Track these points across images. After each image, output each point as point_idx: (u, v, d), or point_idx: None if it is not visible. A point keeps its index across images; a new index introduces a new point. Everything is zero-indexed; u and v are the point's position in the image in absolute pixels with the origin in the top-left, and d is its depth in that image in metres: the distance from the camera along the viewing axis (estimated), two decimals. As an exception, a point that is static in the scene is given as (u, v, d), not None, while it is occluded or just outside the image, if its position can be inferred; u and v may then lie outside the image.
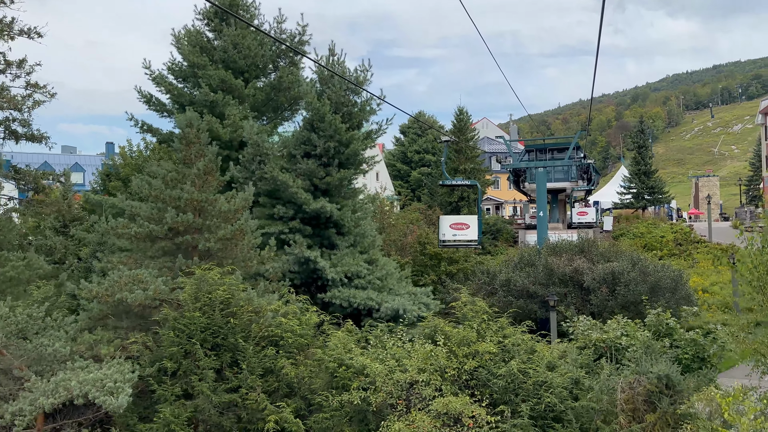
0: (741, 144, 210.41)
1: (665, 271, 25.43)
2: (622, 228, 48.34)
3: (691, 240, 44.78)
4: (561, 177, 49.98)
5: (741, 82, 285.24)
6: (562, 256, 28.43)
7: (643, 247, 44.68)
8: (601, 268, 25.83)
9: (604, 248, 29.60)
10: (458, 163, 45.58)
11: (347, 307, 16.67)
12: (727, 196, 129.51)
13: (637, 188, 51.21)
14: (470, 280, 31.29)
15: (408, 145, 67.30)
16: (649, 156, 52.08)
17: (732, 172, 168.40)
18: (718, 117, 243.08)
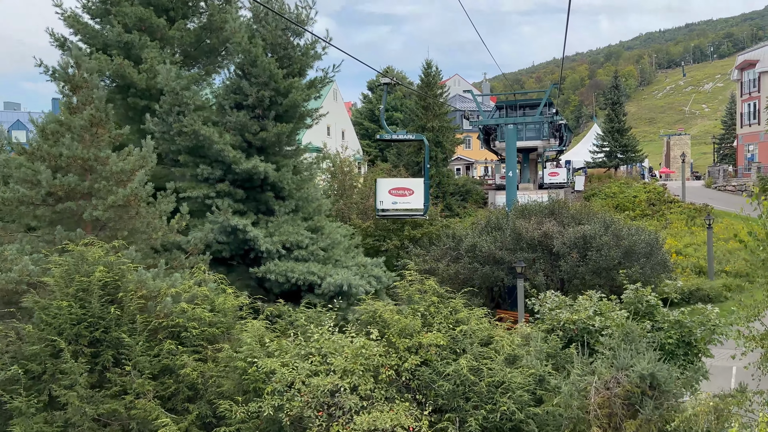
0: (711, 103, 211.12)
1: (640, 234, 23.76)
2: (594, 188, 46.82)
3: (664, 200, 43.46)
4: (532, 135, 48.01)
5: (713, 40, 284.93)
6: (531, 220, 26.59)
7: (615, 208, 43.27)
8: (571, 231, 24.04)
9: (576, 210, 27.86)
10: (425, 120, 43.08)
11: (284, 282, 14.44)
12: (698, 155, 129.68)
13: (610, 146, 49.55)
14: (435, 245, 29.34)
15: (376, 103, 64.36)
16: (622, 113, 50.27)
17: (702, 130, 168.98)
18: (689, 76, 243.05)
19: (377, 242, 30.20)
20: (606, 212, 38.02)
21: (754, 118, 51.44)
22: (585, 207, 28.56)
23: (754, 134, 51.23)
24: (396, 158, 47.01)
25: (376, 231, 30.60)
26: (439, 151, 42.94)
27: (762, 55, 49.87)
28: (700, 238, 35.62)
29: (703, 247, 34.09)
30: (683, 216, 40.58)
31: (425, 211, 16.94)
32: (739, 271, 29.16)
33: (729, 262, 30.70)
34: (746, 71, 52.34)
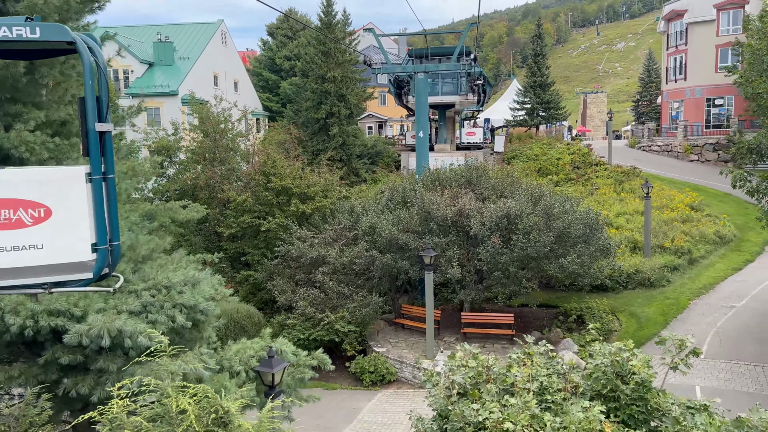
0: (624, 62, 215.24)
1: (575, 212, 18.94)
2: (515, 149, 42.37)
3: (590, 162, 39.63)
4: (449, 90, 42.59)
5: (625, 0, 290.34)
6: (444, 193, 21.26)
7: (537, 172, 39.02)
8: (492, 208, 18.85)
9: (497, 179, 22.75)
10: (326, 69, 36.55)
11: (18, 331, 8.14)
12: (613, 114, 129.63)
13: (532, 103, 45.11)
14: (330, 223, 23.57)
15: (276, 50, 56.70)
16: (545, 66, 45.81)
17: (616, 89, 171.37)
18: (603, 35, 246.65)
19: (256, 220, 24.01)
20: (532, 181, 33.55)
21: (680, 73, 48.44)
22: (508, 175, 23.50)
23: (680, 90, 48.34)
24: (294, 114, 40.37)
25: (256, 206, 24.35)
26: (342, 106, 36.73)
27: (690, 5, 46.48)
28: (632, 206, 31.92)
29: (636, 217, 30.34)
30: (611, 180, 36.89)
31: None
32: (679, 248, 25.35)
33: (666, 236, 26.94)
34: (673, 22, 49.00)
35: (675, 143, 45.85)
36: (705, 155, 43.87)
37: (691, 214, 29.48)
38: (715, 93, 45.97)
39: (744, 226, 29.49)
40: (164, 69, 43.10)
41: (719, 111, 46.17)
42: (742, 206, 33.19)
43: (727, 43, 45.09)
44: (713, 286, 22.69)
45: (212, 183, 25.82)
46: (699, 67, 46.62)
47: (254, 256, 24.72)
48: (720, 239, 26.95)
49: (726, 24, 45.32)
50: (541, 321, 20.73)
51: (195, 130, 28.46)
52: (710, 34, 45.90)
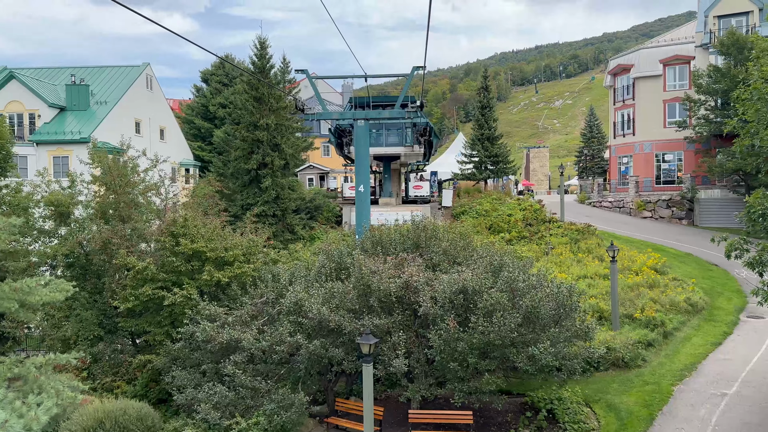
0: (562, 119, 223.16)
1: (544, 286, 15.66)
2: (464, 204, 39.65)
3: (542, 219, 37.21)
4: (394, 141, 39.88)
5: (561, 61, 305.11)
6: (388, 259, 17.72)
7: (488, 229, 36.26)
8: (446, 282, 15.33)
9: (449, 242, 19.46)
10: (258, 115, 33.06)
11: None
12: (553, 168, 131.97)
13: (480, 156, 42.87)
14: (251, 294, 19.48)
15: (211, 97, 53.02)
16: (493, 119, 43.96)
17: (555, 144, 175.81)
18: (542, 93, 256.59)
19: (159, 291, 19.66)
20: (484, 239, 30.59)
21: (628, 127, 47.61)
22: (461, 236, 20.25)
23: (629, 145, 47.37)
24: (222, 165, 36.41)
25: (160, 274, 20.04)
26: (276, 156, 33.11)
27: (637, 60, 46.08)
28: (592, 269, 29.25)
29: (598, 281, 27.59)
30: (566, 239, 34.41)
31: None
32: (651, 319, 22.49)
33: (634, 304, 24.12)
34: (619, 77, 48.52)
35: (627, 199, 44.36)
36: (658, 212, 42.39)
37: (656, 278, 26.96)
38: (665, 148, 45.13)
39: (712, 291, 27.16)
40: (77, 114, 38.59)
41: (669, 166, 45.22)
42: (705, 268, 31.14)
43: (675, 98, 44.63)
44: (695, 366, 19.73)
45: (110, 246, 21.37)
46: (647, 121, 45.88)
47: (156, 335, 20.24)
48: (692, 307, 24.36)
49: (672, 79, 44.95)
50: (504, 416, 17.05)
51: (96, 182, 24.12)
52: (657, 89, 45.41)
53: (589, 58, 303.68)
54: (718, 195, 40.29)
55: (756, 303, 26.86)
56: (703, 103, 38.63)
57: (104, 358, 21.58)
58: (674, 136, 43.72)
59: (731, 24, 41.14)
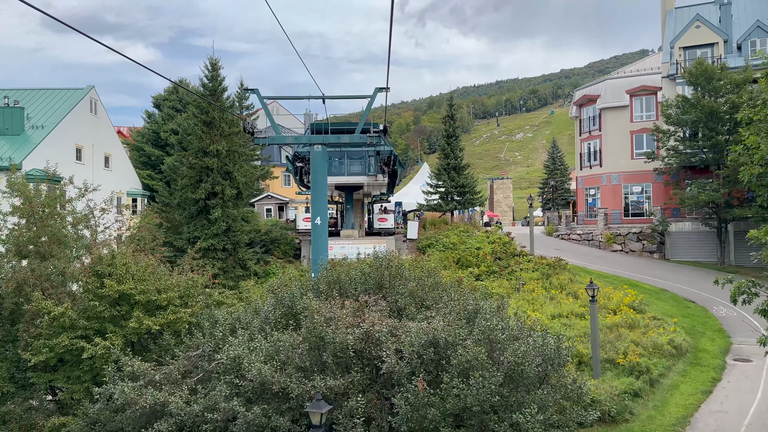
0: (523, 151, 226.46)
1: (528, 338, 13.47)
2: (430, 236, 37.60)
3: (512, 252, 35.40)
4: (357, 170, 37.72)
5: (521, 95, 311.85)
6: (346, 303, 15.32)
7: (456, 263, 34.21)
8: (413, 332, 12.96)
9: (416, 281, 17.20)
10: (208, 141, 30.51)
11: None
12: (515, 200, 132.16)
13: (446, 186, 41.12)
14: (186, 345, 16.72)
15: (162, 123, 50.12)
16: (459, 148, 42.42)
17: (517, 176, 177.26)
18: (503, 126, 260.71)
19: (78, 341, 16.71)
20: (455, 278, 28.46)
21: (595, 159, 46.74)
22: (429, 275, 18.02)
23: (596, 177, 46.41)
24: (168, 194, 33.53)
25: (80, 320, 17.11)
26: (227, 185, 30.49)
27: (603, 90, 45.45)
28: (566, 307, 27.37)
29: (574, 321, 25.67)
30: (537, 274, 32.60)
31: None
32: (635, 365, 20.56)
33: (615, 348, 22.21)
34: (585, 108, 47.83)
35: (596, 232, 43.09)
36: (629, 245, 41.16)
37: (636, 317, 25.20)
38: (633, 180, 44.24)
39: (693, 331, 25.53)
40: (10, 139, 35.30)
41: (637, 198, 44.28)
42: (683, 305, 29.67)
43: (642, 129, 43.98)
44: (688, 420, 17.77)
45: (26, 287, 18.36)
46: (614, 153, 45.05)
47: (74, 393, 17.20)
48: (675, 350, 22.59)
49: (639, 110, 44.37)
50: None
51: (15, 213, 21.12)
52: (624, 119, 44.74)
53: (547, 93, 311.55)
54: (689, 228, 39.33)
55: (740, 343, 25.51)
56: (672, 134, 37.88)
57: (13, 419, 18.37)
58: (642, 168, 42.91)
59: (697, 55, 40.87)
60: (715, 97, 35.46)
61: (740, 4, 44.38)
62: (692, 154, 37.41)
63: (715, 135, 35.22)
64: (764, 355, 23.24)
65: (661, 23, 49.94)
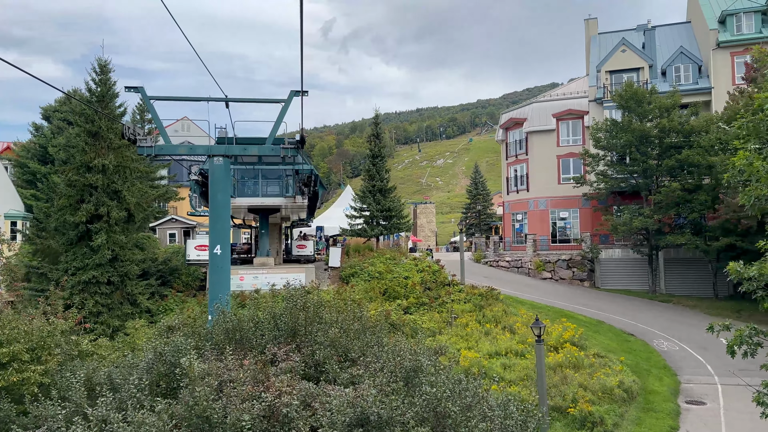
0: (444, 176, 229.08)
1: (484, 406, 10.40)
2: (354, 264, 34.28)
3: (442, 282, 32.70)
4: (274, 191, 34.00)
5: (441, 123, 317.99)
6: (248, 358, 11.69)
7: (383, 294, 31.03)
8: (335, 404, 9.56)
9: (338, 326, 13.79)
10: (93, 154, 25.88)
11: None
12: (438, 224, 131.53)
13: (371, 210, 38.12)
14: (33, 415, 12.37)
15: (51, 137, 44.19)
16: (385, 169, 39.66)
17: (439, 201, 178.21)
18: (424, 152, 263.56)
19: None
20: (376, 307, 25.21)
21: (522, 183, 45.36)
22: (355, 317, 14.67)
23: (523, 202, 44.99)
24: (45, 217, 28.32)
25: None
26: (114, 206, 25.85)
27: (530, 113, 44.31)
28: (503, 343, 24.73)
29: (514, 361, 22.97)
30: (469, 305, 30.00)
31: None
32: (586, 415, 18.02)
33: (561, 393, 19.66)
34: (512, 131, 46.57)
35: (525, 259, 41.37)
36: (558, 272, 39.62)
37: (579, 356, 22.89)
38: (560, 205, 43.07)
39: (638, 369, 23.55)
40: None
41: (565, 224, 43.10)
42: (623, 338, 27.88)
43: (568, 153, 43.04)
44: (655, 482, 15.28)
45: None
46: (541, 177, 43.82)
47: None
48: (626, 393, 20.34)
49: (566, 134, 43.47)
50: None
51: None
52: (551, 143, 43.70)
53: (466, 122, 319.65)
54: (620, 255, 38.31)
55: (688, 382, 23.85)
56: (602, 158, 36.88)
57: None
58: (569, 193, 41.85)
59: (623, 79, 40.52)
60: (644, 120, 34.75)
61: (663, 31, 44.90)
62: (622, 179, 36.49)
63: (646, 159, 34.40)
64: (716, 397, 21.60)
65: (586, 48, 49.96)
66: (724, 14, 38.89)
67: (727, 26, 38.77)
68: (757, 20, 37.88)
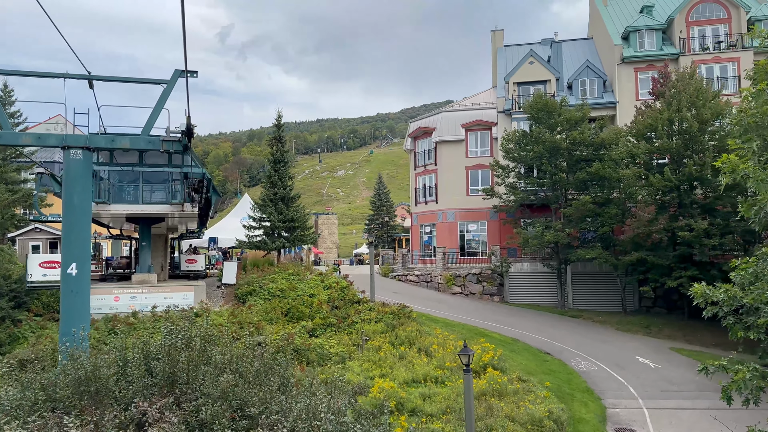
0: (345, 188, 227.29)
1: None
2: (252, 281, 30.67)
3: (350, 299, 29.95)
4: (158, 197, 29.68)
5: (341, 134, 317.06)
6: (105, 415, 8.28)
7: (285, 315, 27.74)
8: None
9: (231, 368, 10.68)
10: None
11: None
12: (340, 236, 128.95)
13: (273, 220, 34.65)
14: None
15: None
16: (288, 176, 36.38)
17: (340, 212, 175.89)
18: (325, 162, 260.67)
19: None
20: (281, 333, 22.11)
21: (431, 195, 43.80)
22: (255, 355, 11.61)
23: (431, 214, 43.40)
24: None
25: None
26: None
27: (439, 123, 42.93)
28: (420, 369, 22.33)
29: (434, 389, 20.60)
30: (381, 325, 27.44)
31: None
32: (522, 453, 15.96)
33: (486, 424, 17.53)
34: (421, 140, 44.98)
35: (435, 273, 39.63)
36: (469, 287, 38.20)
37: (503, 381, 20.98)
38: (469, 217, 41.90)
39: (562, 393, 22.09)
40: None
41: (473, 237, 41.96)
42: (540, 358, 26.50)
43: (477, 165, 42.06)
44: None
45: None
46: (450, 189, 42.49)
47: None
48: (556, 425, 18.57)
49: (474, 145, 42.49)
50: None
51: None
52: (460, 154, 42.53)
53: (366, 134, 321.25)
54: (528, 269, 37.53)
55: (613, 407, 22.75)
56: (512, 170, 35.97)
57: None
58: (479, 205, 40.77)
59: (530, 91, 40.16)
60: (554, 132, 34.21)
61: (567, 46, 45.35)
62: (532, 192, 35.75)
63: (557, 172, 33.81)
64: (645, 423, 20.49)
65: (492, 60, 49.66)
66: (627, 30, 39.63)
67: (630, 42, 39.53)
68: (658, 38, 38.89)
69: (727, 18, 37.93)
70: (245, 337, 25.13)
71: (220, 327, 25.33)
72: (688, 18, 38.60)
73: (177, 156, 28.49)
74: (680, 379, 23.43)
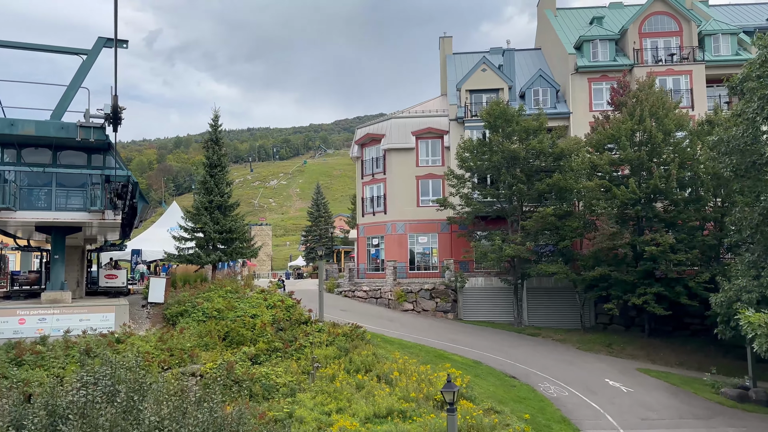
0: (278, 198, 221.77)
1: None
2: (184, 300, 27.03)
3: (297, 319, 26.91)
4: (75, 203, 25.70)
5: (273, 143, 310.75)
6: None
7: (223, 339, 24.37)
8: None
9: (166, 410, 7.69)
10: None
11: None
12: (273, 248, 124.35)
13: (208, 231, 31.07)
14: None
15: None
16: (226, 182, 32.96)
17: (272, 223, 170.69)
18: (256, 172, 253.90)
19: None
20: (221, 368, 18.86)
21: (379, 205, 41.41)
22: (184, 394, 8.61)
23: (379, 225, 40.98)
24: None
25: None
26: None
27: (388, 129, 40.70)
28: (383, 402, 19.61)
29: (401, 427, 18.08)
30: (333, 349, 24.56)
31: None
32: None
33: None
34: (368, 147, 42.59)
35: (385, 288, 37.13)
36: (421, 304, 35.94)
37: (477, 415, 18.67)
38: (419, 229, 39.79)
39: (537, 425, 20.06)
40: None
41: (424, 250, 39.86)
42: (508, 384, 24.46)
43: (428, 174, 40.10)
44: None
45: None
46: (400, 199, 40.27)
47: None
48: (543, 463, 16.46)
49: (425, 154, 40.53)
50: None
51: None
52: (410, 163, 40.44)
53: (299, 144, 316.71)
54: (482, 284, 35.73)
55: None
56: (468, 180, 34.17)
57: None
58: (430, 216, 38.77)
59: (483, 99, 38.72)
60: (511, 140, 32.70)
61: (522, 54, 44.42)
62: (488, 203, 34.04)
63: (515, 182, 32.20)
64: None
65: (441, 67, 48.14)
66: (581, 39, 38.98)
67: (584, 52, 38.89)
68: (611, 48, 38.44)
69: (678, 31, 38.02)
70: (176, 366, 21.86)
71: (147, 355, 21.77)
72: (641, 29, 38.42)
73: (98, 156, 24.68)
74: (657, 405, 22.00)
